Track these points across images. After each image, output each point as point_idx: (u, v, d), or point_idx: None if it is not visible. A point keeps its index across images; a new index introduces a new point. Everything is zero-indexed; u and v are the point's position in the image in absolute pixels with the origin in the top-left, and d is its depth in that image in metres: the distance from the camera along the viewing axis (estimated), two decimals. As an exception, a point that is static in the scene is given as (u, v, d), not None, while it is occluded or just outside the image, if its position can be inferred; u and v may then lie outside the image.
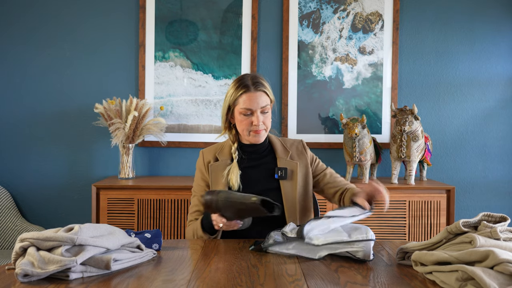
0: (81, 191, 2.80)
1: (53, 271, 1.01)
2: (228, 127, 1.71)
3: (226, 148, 1.71)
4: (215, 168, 1.67)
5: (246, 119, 1.62)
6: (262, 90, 1.62)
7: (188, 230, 1.65)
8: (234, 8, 2.81)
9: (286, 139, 1.78)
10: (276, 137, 1.77)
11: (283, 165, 1.67)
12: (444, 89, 2.86)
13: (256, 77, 1.65)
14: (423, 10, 2.84)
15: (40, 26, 2.77)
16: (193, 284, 1.04)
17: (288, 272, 1.14)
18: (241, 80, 1.64)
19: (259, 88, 1.61)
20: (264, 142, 1.70)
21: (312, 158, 1.76)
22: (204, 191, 1.66)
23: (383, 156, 2.83)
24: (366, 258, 1.23)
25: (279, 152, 1.70)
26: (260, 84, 1.62)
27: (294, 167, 1.67)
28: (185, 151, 2.84)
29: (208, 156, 1.71)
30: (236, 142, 1.69)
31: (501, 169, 2.88)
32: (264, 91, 1.62)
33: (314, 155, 1.78)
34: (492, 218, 1.11)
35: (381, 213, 2.45)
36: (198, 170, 1.73)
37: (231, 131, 1.71)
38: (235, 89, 1.62)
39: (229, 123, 1.70)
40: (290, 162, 1.68)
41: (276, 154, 1.70)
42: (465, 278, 0.95)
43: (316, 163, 1.76)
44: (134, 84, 2.81)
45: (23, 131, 2.78)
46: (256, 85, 1.61)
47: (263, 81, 1.65)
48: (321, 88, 2.83)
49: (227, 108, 1.66)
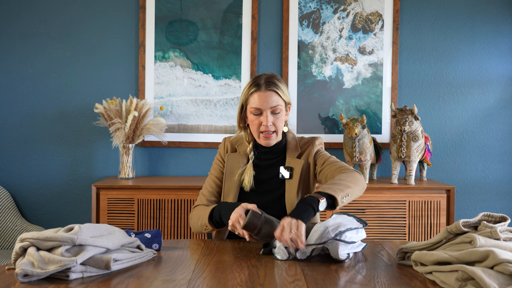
0: (81, 191, 2.80)
1: (53, 271, 1.01)
2: (243, 127, 1.68)
3: (245, 143, 1.70)
4: (232, 160, 1.67)
5: (256, 119, 1.58)
6: (273, 90, 1.57)
7: (194, 213, 1.62)
8: (234, 8, 2.81)
9: (303, 138, 1.72)
10: (293, 136, 1.71)
11: (289, 164, 1.64)
12: (444, 89, 2.86)
13: (271, 77, 1.60)
14: (423, 10, 2.84)
15: (40, 26, 2.77)
16: (193, 284, 1.04)
17: (288, 272, 1.14)
18: (255, 79, 1.61)
19: (270, 87, 1.57)
20: (280, 143, 1.66)
21: (316, 152, 1.67)
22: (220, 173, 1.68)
23: (383, 156, 2.83)
24: (335, 257, 1.23)
25: (289, 152, 1.66)
26: (273, 84, 1.57)
27: (297, 166, 1.63)
28: (185, 151, 2.84)
29: (229, 145, 1.71)
30: (251, 142, 1.67)
31: (501, 169, 2.88)
32: (276, 91, 1.57)
33: (320, 149, 1.69)
34: (492, 218, 1.11)
35: (381, 213, 2.46)
36: (218, 154, 1.74)
37: (246, 131, 1.68)
38: (248, 87, 1.60)
39: (244, 123, 1.67)
40: (295, 161, 1.63)
41: (287, 155, 1.66)
42: (465, 278, 0.95)
43: (319, 155, 1.66)
44: (134, 84, 2.81)
45: (23, 131, 2.78)
46: (267, 84, 1.57)
47: (277, 81, 1.59)
48: (321, 88, 2.83)
49: (240, 107, 1.64)
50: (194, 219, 1.60)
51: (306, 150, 1.66)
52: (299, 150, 1.66)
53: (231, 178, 1.65)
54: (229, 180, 1.65)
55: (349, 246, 1.24)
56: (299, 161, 1.63)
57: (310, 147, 1.67)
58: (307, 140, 1.69)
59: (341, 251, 1.22)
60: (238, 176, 1.63)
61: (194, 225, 1.62)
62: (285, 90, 1.62)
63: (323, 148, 1.72)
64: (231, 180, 1.65)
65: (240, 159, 1.66)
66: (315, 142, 1.68)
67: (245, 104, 1.61)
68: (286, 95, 1.62)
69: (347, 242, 1.22)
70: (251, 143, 1.67)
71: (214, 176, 1.71)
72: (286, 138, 1.69)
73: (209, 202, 1.66)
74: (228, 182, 1.65)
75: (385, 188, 2.47)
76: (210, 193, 1.68)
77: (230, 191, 1.64)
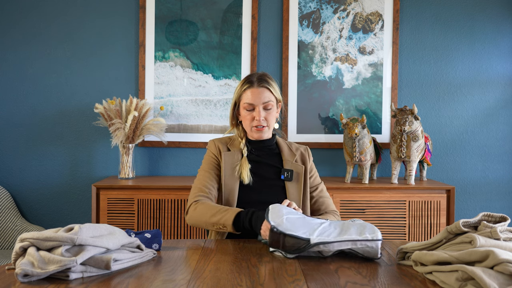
0: (81, 191, 2.80)
1: (53, 271, 1.01)
2: (235, 124, 1.76)
3: (236, 141, 1.75)
4: (228, 157, 1.69)
5: (249, 114, 1.67)
6: (265, 87, 1.66)
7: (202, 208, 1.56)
8: (234, 8, 2.81)
9: (292, 143, 1.82)
10: (283, 140, 1.81)
11: (289, 167, 1.71)
12: (444, 89, 2.86)
13: (262, 75, 1.70)
14: (423, 10, 2.84)
15: (41, 26, 2.77)
16: (193, 284, 1.04)
17: (288, 272, 1.14)
18: (248, 77, 1.70)
19: (262, 84, 1.66)
20: (271, 141, 1.75)
21: (311, 168, 1.78)
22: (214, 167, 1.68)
23: (383, 156, 2.83)
24: (374, 257, 1.24)
25: (286, 155, 1.74)
26: (265, 81, 1.67)
27: (299, 171, 1.71)
28: (185, 151, 2.84)
29: (220, 145, 1.73)
30: (244, 138, 1.74)
31: (501, 169, 2.88)
32: (267, 87, 1.67)
33: (314, 167, 1.81)
34: (492, 218, 1.11)
35: (381, 213, 2.46)
36: (210, 151, 1.72)
37: (238, 128, 1.76)
38: (241, 85, 1.70)
39: (236, 120, 1.76)
40: (296, 165, 1.72)
41: (283, 156, 1.74)
42: (465, 278, 0.95)
43: (313, 175, 1.78)
44: (134, 84, 2.81)
45: (23, 131, 2.78)
46: (260, 81, 1.67)
47: (269, 79, 1.70)
48: (321, 88, 2.83)
49: (233, 104, 1.72)
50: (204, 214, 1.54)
51: (301, 157, 1.76)
52: (294, 154, 1.75)
53: (232, 174, 1.67)
54: (230, 177, 1.67)
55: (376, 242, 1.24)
56: (299, 166, 1.72)
57: (306, 156, 1.77)
58: (298, 147, 1.79)
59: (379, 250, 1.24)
60: (237, 171, 1.66)
61: (202, 220, 1.54)
62: (276, 87, 1.71)
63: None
64: (231, 177, 1.66)
65: (235, 155, 1.71)
66: (310, 153, 1.80)
67: (238, 101, 1.70)
68: (277, 93, 1.72)
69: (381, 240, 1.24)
70: (243, 139, 1.73)
71: (209, 170, 1.68)
72: (276, 140, 1.78)
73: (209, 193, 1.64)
74: (229, 179, 1.67)
75: (385, 188, 2.47)
76: (209, 184, 1.65)
77: (233, 187, 1.65)
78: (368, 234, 1.23)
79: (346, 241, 1.23)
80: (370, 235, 1.23)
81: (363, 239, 1.23)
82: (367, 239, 1.23)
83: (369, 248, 1.23)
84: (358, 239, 1.23)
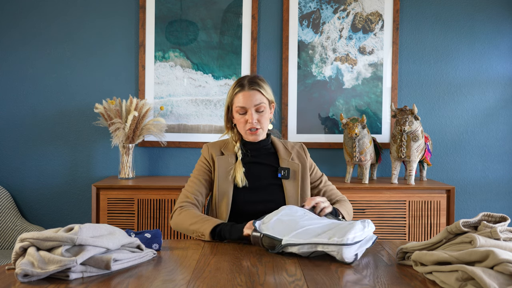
0: (81, 191, 2.80)
1: (53, 271, 1.01)
2: (230, 127, 1.77)
3: (230, 145, 1.76)
4: (222, 162, 1.70)
5: (242, 117, 1.68)
6: (256, 89, 1.67)
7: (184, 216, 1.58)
8: (234, 8, 2.81)
9: (287, 141, 1.83)
10: (278, 139, 1.82)
11: (286, 165, 1.72)
12: (444, 89, 2.86)
13: (253, 77, 1.71)
14: (423, 10, 2.84)
15: (41, 26, 2.77)
16: (193, 284, 1.04)
17: (288, 272, 1.14)
18: (239, 80, 1.71)
19: (253, 87, 1.67)
20: (266, 141, 1.76)
21: (311, 163, 1.80)
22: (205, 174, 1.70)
23: (383, 156, 2.83)
24: (342, 261, 1.20)
25: (281, 153, 1.75)
26: (255, 83, 1.68)
27: (296, 168, 1.72)
28: (185, 151, 2.84)
29: (214, 149, 1.74)
30: (238, 141, 1.74)
31: (501, 169, 2.88)
32: (258, 89, 1.67)
33: (312, 161, 1.82)
34: (492, 218, 1.11)
35: (381, 213, 2.46)
36: (203, 157, 1.75)
37: (233, 131, 1.77)
38: (232, 88, 1.70)
39: (231, 123, 1.76)
40: (292, 163, 1.73)
41: (279, 155, 1.75)
42: (465, 278, 0.95)
43: (314, 169, 1.81)
44: (134, 84, 2.81)
45: (23, 131, 2.78)
46: (251, 84, 1.67)
47: (260, 81, 1.70)
48: (321, 88, 2.83)
49: (226, 108, 1.73)
50: (185, 221, 1.56)
51: (298, 155, 1.77)
52: (290, 152, 1.76)
53: (226, 178, 1.67)
54: (224, 181, 1.67)
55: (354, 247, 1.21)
56: (295, 164, 1.73)
57: (302, 153, 1.78)
58: (294, 144, 1.81)
59: (346, 255, 1.19)
60: (231, 174, 1.67)
61: (182, 226, 1.57)
62: (268, 89, 1.72)
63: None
64: (225, 180, 1.67)
65: (229, 159, 1.71)
66: (306, 149, 1.82)
67: (231, 104, 1.71)
68: (269, 94, 1.72)
69: (350, 244, 1.20)
70: (238, 142, 1.74)
71: (199, 176, 1.71)
72: (271, 139, 1.79)
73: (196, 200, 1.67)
74: (223, 183, 1.67)
75: (385, 188, 2.47)
76: (196, 191, 1.68)
77: (226, 191, 1.65)
78: (336, 238, 1.20)
79: (310, 243, 1.23)
80: (338, 239, 1.19)
81: (326, 243, 1.20)
82: (331, 243, 1.19)
83: (335, 252, 1.20)
84: (320, 243, 1.21)
